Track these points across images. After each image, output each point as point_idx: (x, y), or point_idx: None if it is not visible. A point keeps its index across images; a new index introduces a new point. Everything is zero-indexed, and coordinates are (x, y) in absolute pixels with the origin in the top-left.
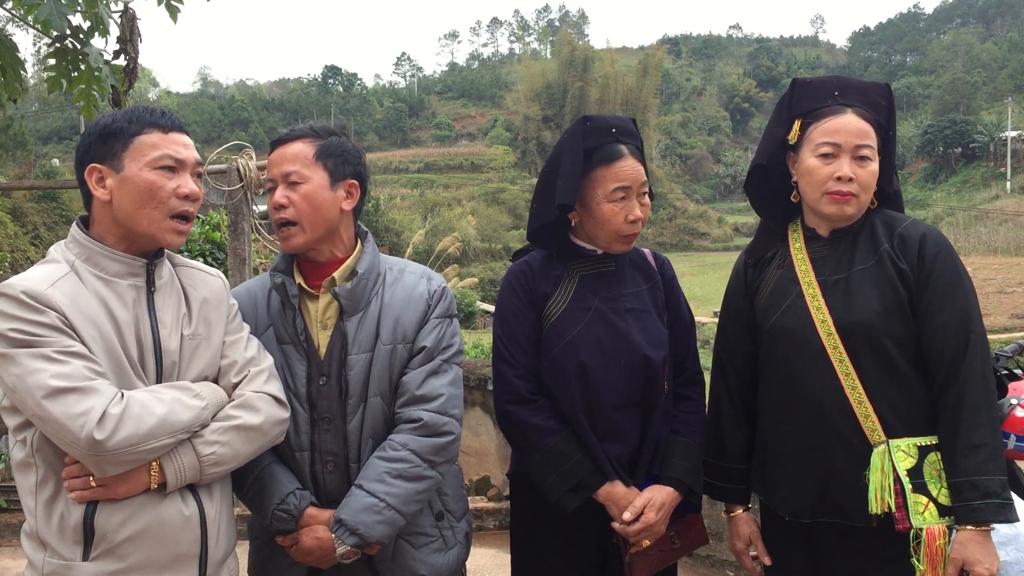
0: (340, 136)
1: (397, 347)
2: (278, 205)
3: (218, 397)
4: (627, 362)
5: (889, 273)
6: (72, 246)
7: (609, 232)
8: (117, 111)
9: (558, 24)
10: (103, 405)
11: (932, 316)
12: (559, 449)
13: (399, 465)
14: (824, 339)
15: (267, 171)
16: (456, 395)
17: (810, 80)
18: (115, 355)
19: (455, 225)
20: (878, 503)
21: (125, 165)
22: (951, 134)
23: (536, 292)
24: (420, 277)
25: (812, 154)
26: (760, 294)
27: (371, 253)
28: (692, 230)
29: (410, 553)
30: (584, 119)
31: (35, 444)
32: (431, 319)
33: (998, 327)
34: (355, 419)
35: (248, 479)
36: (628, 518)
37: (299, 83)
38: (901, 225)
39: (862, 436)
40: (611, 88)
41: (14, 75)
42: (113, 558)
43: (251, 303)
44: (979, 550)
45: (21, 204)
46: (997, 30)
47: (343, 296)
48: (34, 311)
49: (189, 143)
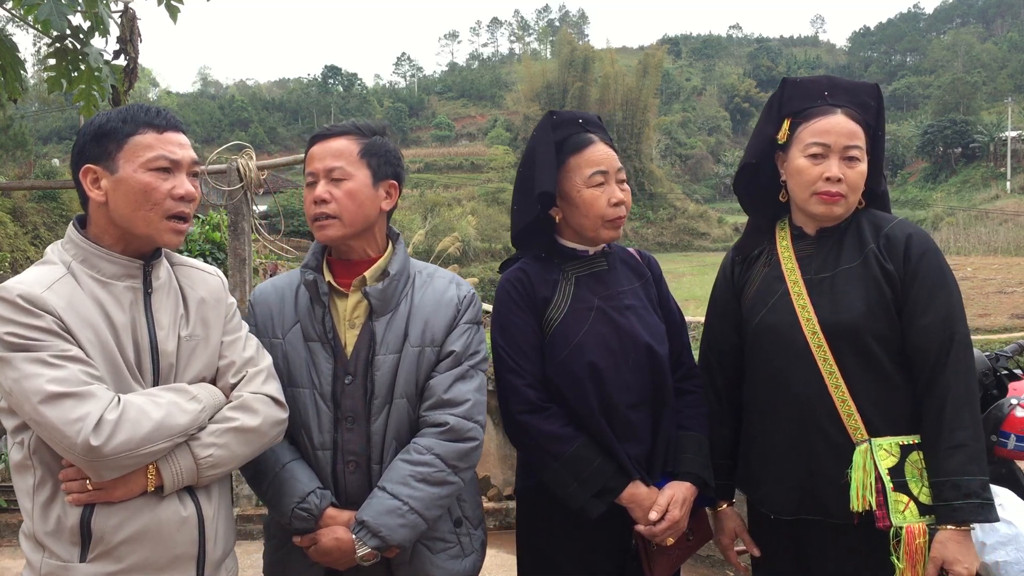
0: (383, 136)
1: (425, 350)
2: (320, 200)
3: (215, 399)
4: (635, 359)
5: (875, 273)
6: (68, 247)
7: (594, 218)
8: (112, 110)
9: (558, 24)
10: (99, 410)
11: (917, 317)
12: (579, 455)
13: (424, 469)
14: (808, 338)
15: (307, 164)
16: (481, 401)
17: (800, 80)
18: (112, 358)
19: (455, 225)
20: (859, 501)
21: (120, 166)
22: (951, 134)
23: (535, 298)
24: (450, 282)
25: (801, 154)
26: (747, 291)
27: (402, 255)
28: (692, 230)
29: (428, 558)
30: (550, 113)
31: (32, 446)
32: (460, 324)
33: (998, 327)
34: (379, 420)
35: (268, 476)
36: (655, 517)
37: (299, 83)
38: (888, 225)
39: (845, 434)
40: (611, 88)
41: (14, 75)
42: (110, 559)
43: (279, 299)
44: (959, 549)
45: (21, 204)
46: (997, 30)
47: (374, 296)
48: (30, 315)
49: (185, 142)
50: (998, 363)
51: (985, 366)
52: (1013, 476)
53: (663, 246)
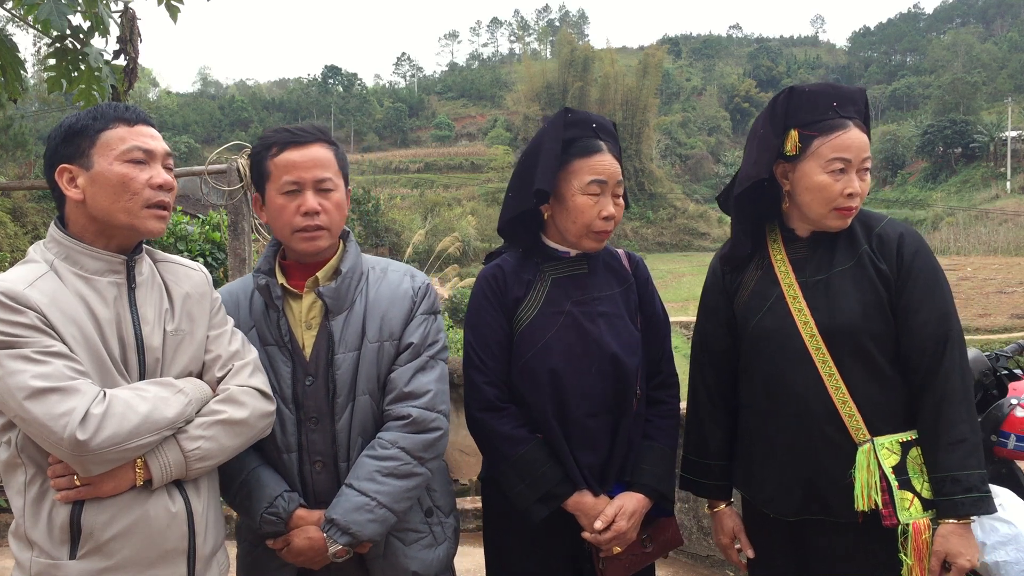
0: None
1: (384, 344)
2: (312, 211)
3: (202, 392)
4: (599, 368)
5: (869, 274)
6: (51, 245)
7: (581, 226)
8: (80, 111)
9: (558, 24)
10: (85, 405)
11: (911, 316)
12: (527, 458)
13: (389, 463)
14: (807, 340)
15: (284, 171)
16: (443, 391)
17: (807, 90)
18: (97, 353)
19: (455, 225)
20: (864, 500)
21: (95, 162)
22: (951, 134)
23: (507, 296)
24: (404, 275)
25: (823, 170)
26: (740, 295)
27: (353, 252)
28: (692, 230)
29: (401, 550)
30: (566, 110)
31: (20, 444)
32: (417, 315)
33: (998, 327)
34: (343, 418)
35: (235, 483)
36: (600, 527)
37: (299, 83)
38: (879, 225)
39: (846, 435)
40: (611, 88)
41: (14, 75)
42: (100, 556)
43: (233, 304)
44: (961, 543)
45: (21, 204)
46: (997, 30)
47: (328, 295)
48: (13, 312)
49: (156, 135)
50: (998, 363)
51: (985, 366)
52: (1013, 476)
53: (663, 246)
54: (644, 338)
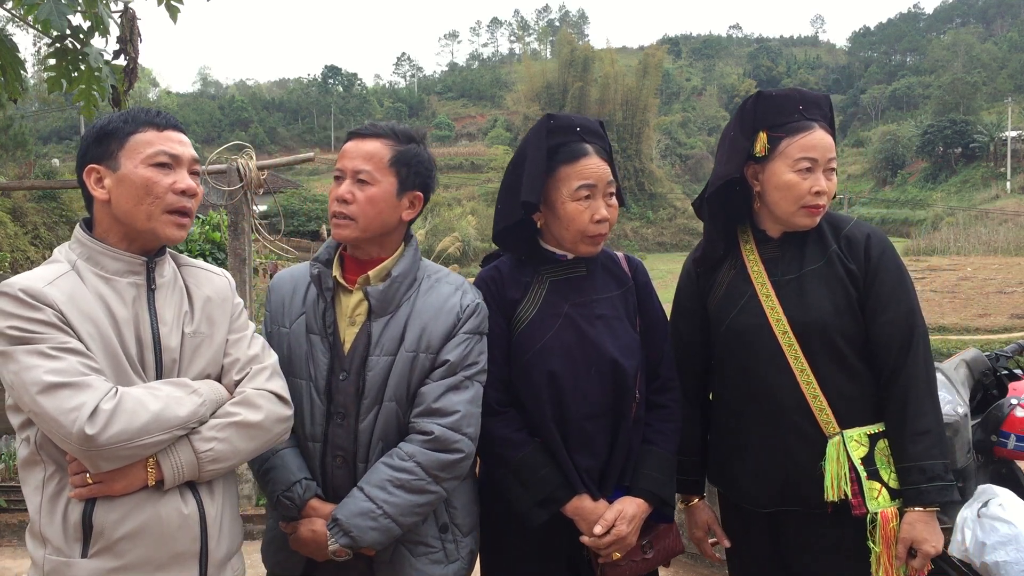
0: (419, 144)
1: (420, 356)
2: (341, 199)
3: (218, 394)
4: (597, 370)
5: (839, 273)
6: (75, 247)
7: (574, 232)
8: (115, 113)
9: (558, 24)
10: (95, 400)
11: (879, 313)
12: (526, 462)
13: (403, 475)
14: (780, 337)
15: (339, 159)
16: (473, 413)
17: (774, 94)
18: (113, 352)
19: (455, 225)
20: (835, 491)
21: (122, 164)
22: (951, 134)
23: (504, 298)
24: (456, 289)
25: (790, 169)
26: (713, 293)
27: (411, 257)
28: (692, 230)
29: (409, 561)
30: (548, 117)
31: (39, 441)
32: (459, 333)
33: (998, 327)
34: (367, 419)
35: (262, 459)
36: (599, 531)
37: (299, 83)
38: (846, 227)
39: (817, 428)
40: (611, 88)
41: (14, 75)
42: (111, 555)
43: (291, 289)
44: (926, 529)
45: (21, 204)
46: (997, 30)
47: (373, 296)
48: (31, 308)
49: (185, 140)
50: (998, 363)
51: (985, 366)
52: (1013, 476)
53: (663, 246)
54: (643, 341)
